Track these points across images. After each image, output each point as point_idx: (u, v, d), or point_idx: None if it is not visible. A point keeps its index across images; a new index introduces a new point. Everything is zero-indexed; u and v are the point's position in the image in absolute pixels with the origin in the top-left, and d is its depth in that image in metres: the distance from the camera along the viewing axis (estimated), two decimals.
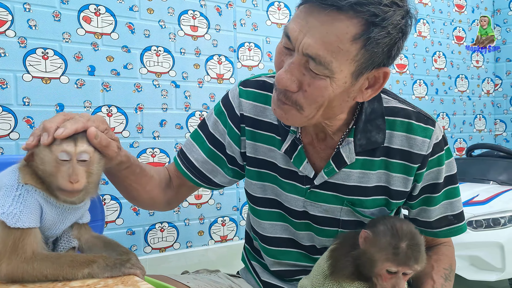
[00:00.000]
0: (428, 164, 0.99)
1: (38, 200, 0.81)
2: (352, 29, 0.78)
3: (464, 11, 3.84)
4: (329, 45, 0.79)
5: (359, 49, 0.80)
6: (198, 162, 1.12)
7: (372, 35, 0.79)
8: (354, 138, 0.98)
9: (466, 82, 3.87)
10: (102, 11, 2.19)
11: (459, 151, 3.82)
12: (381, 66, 0.86)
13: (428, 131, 0.98)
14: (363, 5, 0.76)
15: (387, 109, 1.00)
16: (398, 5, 0.80)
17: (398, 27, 0.81)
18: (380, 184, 1.01)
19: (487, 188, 2.73)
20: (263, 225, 1.13)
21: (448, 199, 1.05)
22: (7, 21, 1.96)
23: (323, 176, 1.00)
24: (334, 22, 0.78)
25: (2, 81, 1.95)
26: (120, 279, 0.81)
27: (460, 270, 2.41)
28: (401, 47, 0.85)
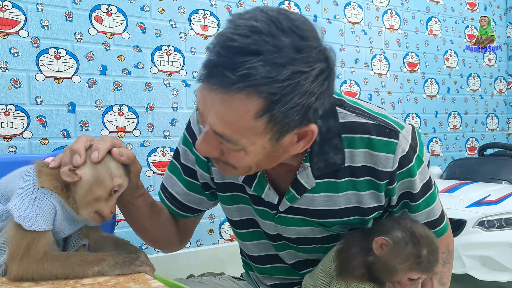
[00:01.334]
0: (397, 178, 0.91)
1: (53, 204, 0.82)
2: (252, 108, 0.71)
3: (477, 9, 3.81)
4: (232, 124, 0.74)
5: (265, 123, 0.73)
6: (180, 195, 1.07)
7: (275, 111, 0.72)
8: (311, 162, 0.90)
9: (478, 80, 3.84)
10: (114, 11, 2.20)
11: (471, 151, 3.78)
12: (302, 126, 0.77)
13: (391, 146, 0.89)
14: (255, 87, 0.69)
15: (344, 125, 0.90)
16: (303, 72, 0.71)
17: (308, 93, 0.72)
18: (351, 205, 0.94)
19: (499, 188, 2.70)
20: (247, 246, 1.11)
21: (427, 207, 0.98)
22: (20, 21, 1.98)
23: (286, 203, 0.95)
24: (232, 102, 0.71)
25: (15, 81, 1.98)
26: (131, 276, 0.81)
27: (471, 270, 2.39)
28: (320, 105, 0.76)
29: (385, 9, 3.26)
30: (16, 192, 0.81)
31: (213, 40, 0.74)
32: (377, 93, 3.22)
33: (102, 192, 0.82)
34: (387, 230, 0.91)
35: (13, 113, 1.97)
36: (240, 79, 0.69)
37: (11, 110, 1.97)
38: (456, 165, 3.21)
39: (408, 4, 3.38)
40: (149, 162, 2.32)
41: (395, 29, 3.32)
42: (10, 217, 0.80)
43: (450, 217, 2.61)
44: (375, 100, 3.21)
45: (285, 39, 0.70)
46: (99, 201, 0.83)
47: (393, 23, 3.31)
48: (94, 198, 0.82)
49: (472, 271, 2.39)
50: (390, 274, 0.89)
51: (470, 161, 3.22)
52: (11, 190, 0.83)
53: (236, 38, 0.69)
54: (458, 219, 2.43)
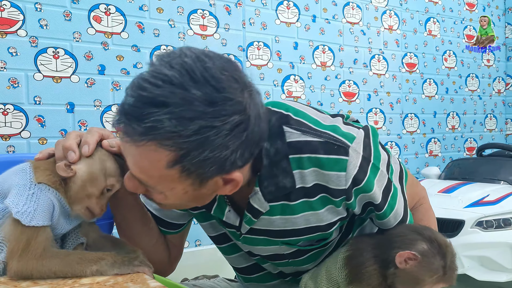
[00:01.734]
0: (354, 194, 0.87)
1: (50, 199, 0.82)
2: (163, 158, 0.69)
3: (475, 9, 3.81)
4: (146, 171, 0.72)
5: (179, 172, 0.71)
6: (158, 211, 1.03)
7: (185, 163, 0.69)
8: (260, 186, 0.86)
9: (476, 81, 3.84)
10: (112, 11, 2.20)
11: (470, 151, 3.79)
12: (223, 174, 0.74)
13: (341, 163, 0.83)
14: (160, 140, 0.67)
15: (291, 145, 0.85)
16: (213, 126, 0.67)
17: (221, 146, 0.69)
18: (310, 225, 0.91)
19: (497, 188, 2.70)
20: (229, 259, 1.10)
21: (393, 210, 0.94)
22: (18, 21, 1.98)
23: (245, 226, 0.92)
24: (144, 151, 0.69)
25: (13, 80, 1.97)
26: (129, 276, 0.81)
27: (470, 271, 2.39)
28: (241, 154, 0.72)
29: (384, 9, 3.26)
30: (13, 188, 0.81)
31: (132, 82, 0.70)
32: (376, 94, 3.22)
33: (94, 189, 0.82)
34: (410, 242, 0.88)
35: (11, 113, 1.97)
36: (146, 131, 0.66)
37: (9, 109, 1.96)
38: (454, 165, 3.21)
39: (407, 4, 3.39)
40: None
41: (394, 30, 3.32)
42: (8, 214, 0.80)
43: (448, 217, 2.63)
44: (374, 100, 3.21)
45: (196, 91, 0.66)
46: (91, 198, 0.82)
47: (392, 24, 3.31)
48: (86, 194, 0.82)
49: (470, 271, 2.39)
50: (414, 285, 0.88)
51: (469, 161, 3.23)
52: (8, 188, 0.83)
53: (146, 87, 0.67)
54: (457, 219, 2.44)
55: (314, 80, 2.92)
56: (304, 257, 0.98)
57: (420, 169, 3.43)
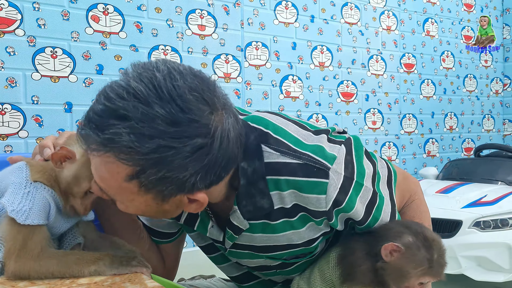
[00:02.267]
0: (335, 213, 0.84)
1: (46, 197, 0.82)
2: (121, 170, 0.67)
3: (473, 10, 3.82)
4: (106, 181, 0.71)
5: (138, 187, 0.69)
6: (148, 221, 1.01)
7: (142, 180, 0.68)
8: (239, 205, 0.84)
9: (474, 81, 3.85)
10: (111, 10, 2.20)
11: (467, 151, 3.79)
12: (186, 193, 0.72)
13: (321, 187, 0.80)
14: (117, 154, 0.66)
15: (268, 166, 0.82)
16: (171, 147, 0.65)
17: (181, 167, 0.67)
18: (292, 243, 0.89)
19: (495, 189, 2.71)
20: (221, 268, 1.08)
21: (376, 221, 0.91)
22: (16, 20, 1.98)
23: (228, 242, 0.90)
24: (103, 160, 0.68)
25: (11, 80, 1.97)
26: (127, 277, 0.81)
27: (467, 271, 2.39)
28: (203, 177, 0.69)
29: (382, 10, 3.27)
30: (9, 187, 0.81)
31: (103, 88, 0.70)
32: (374, 94, 3.22)
33: (77, 190, 0.82)
34: (396, 235, 0.87)
35: (9, 112, 1.97)
36: (104, 142, 0.65)
37: (7, 109, 1.96)
38: (452, 165, 3.21)
39: (405, 5, 3.39)
40: None
41: (392, 30, 3.32)
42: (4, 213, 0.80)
43: (446, 217, 2.63)
44: (372, 100, 3.22)
45: (160, 109, 0.64)
46: (75, 197, 0.83)
47: (390, 24, 3.31)
48: (71, 193, 0.82)
49: (468, 271, 2.39)
50: (402, 280, 0.87)
51: (466, 162, 3.23)
52: (5, 186, 0.83)
53: (112, 97, 0.66)
54: (454, 220, 2.44)
55: (312, 80, 2.92)
56: (291, 268, 0.97)
57: (418, 169, 3.43)
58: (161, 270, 1.06)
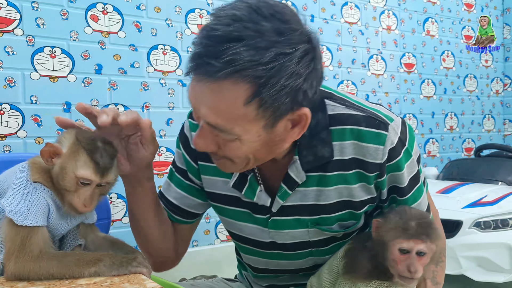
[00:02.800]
0: (386, 170, 0.91)
1: (45, 199, 0.81)
2: (241, 94, 0.72)
3: (473, 10, 3.81)
4: (223, 113, 0.75)
5: (256, 109, 0.74)
6: (177, 200, 1.07)
7: (264, 95, 0.73)
8: (299, 155, 0.90)
9: (475, 81, 3.84)
10: (110, 10, 2.19)
11: (468, 151, 3.79)
12: (294, 110, 0.78)
13: (381, 137, 0.88)
14: (240, 72, 0.70)
15: (333, 117, 0.90)
16: (286, 53, 0.72)
17: (295, 74, 0.73)
18: (342, 199, 0.94)
19: (495, 189, 2.71)
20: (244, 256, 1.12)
21: (416, 201, 0.97)
22: (15, 20, 1.97)
23: (279, 202, 0.94)
24: (221, 91, 0.73)
25: (10, 80, 1.96)
26: (127, 277, 0.81)
27: (467, 271, 2.39)
28: (309, 87, 0.77)
29: (382, 9, 3.26)
30: (10, 187, 0.81)
31: (198, 34, 0.75)
32: (374, 94, 3.22)
33: (66, 183, 0.80)
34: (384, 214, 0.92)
35: (8, 112, 1.96)
36: (225, 66, 0.70)
37: (5, 109, 1.95)
38: (452, 166, 3.21)
39: (405, 4, 3.39)
40: None
41: (392, 30, 3.32)
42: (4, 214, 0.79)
43: (446, 217, 2.62)
44: (372, 100, 3.21)
45: (266, 23, 0.71)
46: (69, 192, 0.81)
47: (390, 24, 3.31)
48: (63, 188, 0.81)
49: (468, 272, 2.39)
50: (384, 253, 0.87)
51: (467, 162, 3.23)
52: (7, 187, 0.82)
53: (218, 28, 0.71)
54: (455, 220, 2.44)
55: None
56: (328, 246, 0.99)
57: None
58: (173, 254, 1.12)
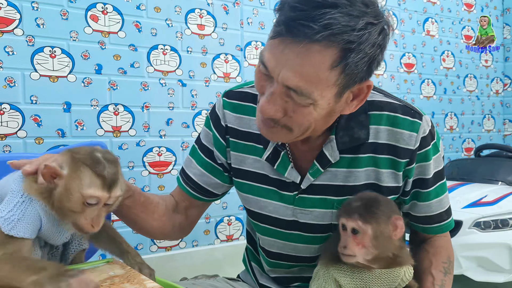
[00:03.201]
0: (416, 158, 0.97)
1: (38, 211, 0.78)
2: (328, 58, 0.77)
3: (473, 10, 3.81)
4: (308, 77, 0.79)
5: (338, 74, 0.80)
6: (197, 176, 1.12)
7: (349, 61, 0.78)
8: (336, 136, 0.96)
9: (474, 81, 3.84)
10: (110, 10, 2.19)
11: (468, 151, 3.79)
12: (363, 81, 0.85)
13: (415, 125, 0.96)
14: (336, 35, 0.76)
15: (372, 103, 0.97)
16: (373, 23, 0.79)
17: (376, 45, 0.81)
18: (369, 181, 0.98)
19: (495, 189, 2.71)
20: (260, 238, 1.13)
21: (438, 197, 1.03)
22: (15, 20, 1.97)
23: (309, 178, 0.98)
24: (309, 53, 0.77)
25: (10, 80, 1.96)
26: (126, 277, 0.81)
27: (467, 271, 2.39)
28: (380, 60, 0.84)
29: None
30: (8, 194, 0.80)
31: (281, 1, 0.81)
32: None
33: (72, 204, 0.76)
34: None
35: (8, 112, 1.96)
36: (322, 29, 0.74)
37: (5, 109, 1.95)
38: (452, 166, 3.21)
39: (405, 4, 3.38)
40: (145, 162, 2.31)
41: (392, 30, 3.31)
42: None
43: None
44: None
45: None
46: (75, 213, 0.77)
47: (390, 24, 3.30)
48: (68, 209, 0.77)
49: (468, 272, 2.39)
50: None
51: (467, 162, 3.23)
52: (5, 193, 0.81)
53: None
54: (455, 220, 2.43)
55: None
56: None
57: None
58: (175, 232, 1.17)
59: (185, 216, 1.16)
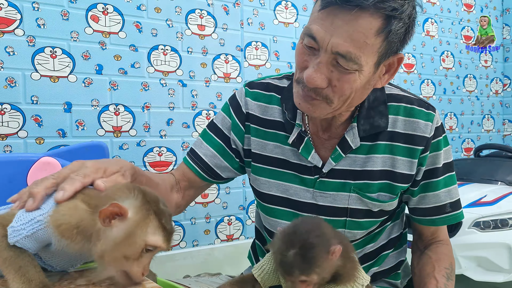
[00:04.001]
0: (431, 147, 1.04)
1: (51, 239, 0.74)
2: (375, 25, 0.85)
3: (473, 10, 3.82)
4: (357, 42, 0.85)
5: (382, 41, 0.87)
6: (207, 157, 1.17)
7: (392, 28, 0.86)
8: (358, 123, 1.03)
9: (474, 82, 3.85)
10: (110, 10, 2.19)
11: (467, 151, 3.79)
12: (396, 53, 0.93)
13: (430, 116, 1.04)
14: (384, 2, 0.84)
15: (390, 96, 1.05)
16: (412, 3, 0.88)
17: (412, 17, 0.89)
18: (385, 168, 1.04)
19: (495, 189, 2.71)
20: (271, 221, 1.15)
21: (447, 187, 1.08)
22: (16, 20, 1.97)
23: (331, 163, 1.05)
24: (358, 20, 0.84)
25: (10, 80, 1.97)
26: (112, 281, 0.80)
27: (467, 271, 2.39)
28: (412, 33, 0.92)
29: None
30: None
31: None
32: None
33: (130, 251, 0.71)
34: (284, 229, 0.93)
35: (8, 112, 1.96)
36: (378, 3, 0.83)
37: (6, 109, 1.96)
38: None
39: None
40: (145, 162, 2.31)
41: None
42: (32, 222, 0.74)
43: None
44: None
45: None
46: (128, 260, 0.71)
47: None
48: (123, 256, 0.71)
49: (467, 271, 2.39)
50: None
51: (466, 162, 3.23)
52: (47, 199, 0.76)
53: None
54: None
55: None
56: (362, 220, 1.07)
57: None
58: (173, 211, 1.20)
59: (182, 195, 1.20)
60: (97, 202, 0.73)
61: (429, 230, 1.15)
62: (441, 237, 1.16)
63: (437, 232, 1.16)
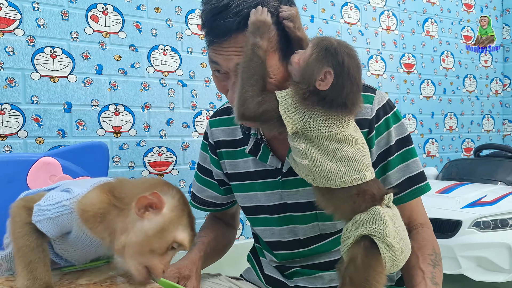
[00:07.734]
0: (376, 129, 1.05)
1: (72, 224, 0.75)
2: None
3: (473, 10, 3.82)
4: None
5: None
6: (199, 193, 1.30)
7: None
8: None
9: (474, 82, 3.85)
10: (110, 10, 2.19)
11: (467, 151, 3.80)
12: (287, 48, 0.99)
13: (369, 98, 1.05)
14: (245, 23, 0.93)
15: None
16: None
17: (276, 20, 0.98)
18: None
19: (495, 189, 2.71)
20: (256, 230, 1.25)
21: (404, 162, 1.07)
22: (15, 20, 1.97)
23: (288, 162, 1.05)
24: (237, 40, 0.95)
25: (10, 80, 1.97)
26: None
27: (467, 271, 2.39)
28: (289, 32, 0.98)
29: (381, 10, 3.27)
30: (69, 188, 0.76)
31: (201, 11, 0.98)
32: None
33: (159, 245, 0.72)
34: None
35: (8, 112, 1.96)
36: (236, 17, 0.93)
37: (6, 109, 1.96)
38: (452, 166, 3.21)
39: (405, 5, 3.39)
40: (145, 162, 2.31)
41: (391, 30, 3.32)
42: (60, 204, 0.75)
43: (445, 217, 2.63)
44: None
45: None
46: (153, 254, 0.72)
47: (390, 24, 3.31)
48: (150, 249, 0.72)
49: (467, 271, 2.39)
50: None
51: (466, 162, 3.23)
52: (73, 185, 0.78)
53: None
54: (454, 220, 2.44)
55: None
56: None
57: None
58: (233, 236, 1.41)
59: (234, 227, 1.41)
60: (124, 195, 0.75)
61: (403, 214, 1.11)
62: (418, 220, 1.12)
63: (412, 215, 1.11)
